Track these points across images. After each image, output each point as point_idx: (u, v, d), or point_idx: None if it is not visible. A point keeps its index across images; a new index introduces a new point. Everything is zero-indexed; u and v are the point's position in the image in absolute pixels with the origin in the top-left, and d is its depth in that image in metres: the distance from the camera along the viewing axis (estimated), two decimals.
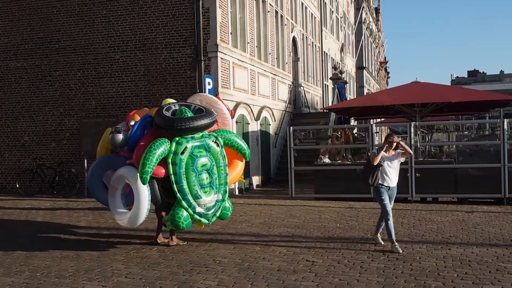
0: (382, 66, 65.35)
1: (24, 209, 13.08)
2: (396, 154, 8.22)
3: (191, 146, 7.90)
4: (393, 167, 8.21)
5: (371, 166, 8.09)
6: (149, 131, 8.24)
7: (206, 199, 7.97)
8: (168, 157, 7.76)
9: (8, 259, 7.75)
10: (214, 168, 8.14)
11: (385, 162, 8.11)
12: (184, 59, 15.26)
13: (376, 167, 8.03)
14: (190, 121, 7.93)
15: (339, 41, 35.06)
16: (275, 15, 20.77)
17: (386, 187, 8.20)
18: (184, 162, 7.81)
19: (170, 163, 7.76)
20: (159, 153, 7.61)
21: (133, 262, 7.46)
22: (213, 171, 8.11)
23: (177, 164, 7.74)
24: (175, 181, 7.74)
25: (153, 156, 7.55)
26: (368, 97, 23.98)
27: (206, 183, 7.97)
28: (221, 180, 8.28)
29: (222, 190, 8.30)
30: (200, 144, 8.02)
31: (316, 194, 14.14)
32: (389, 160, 8.15)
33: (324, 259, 7.38)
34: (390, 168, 8.18)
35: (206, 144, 8.10)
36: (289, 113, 22.16)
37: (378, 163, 8.00)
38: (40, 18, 16.65)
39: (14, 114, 16.99)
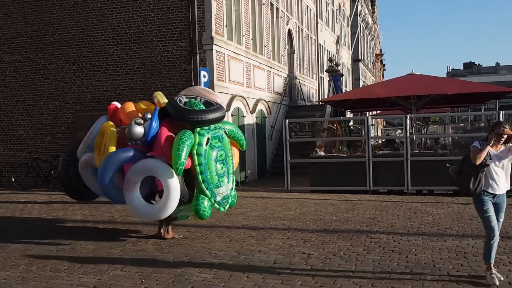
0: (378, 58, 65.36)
1: (19, 203, 13.04)
2: (506, 150, 6.03)
3: (211, 137, 8.08)
4: (502, 168, 6.06)
5: (471, 165, 5.97)
6: (164, 123, 8.20)
7: (223, 188, 8.16)
8: (193, 148, 7.81)
9: (4, 253, 7.74)
10: (227, 157, 8.36)
11: (492, 161, 5.99)
12: (179, 52, 15.20)
13: (480, 167, 5.93)
14: (207, 114, 8.07)
15: (334, 34, 35.01)
16: (271, 8, 20.71)
17: (491, 194, 6.05)
18: (208, 152, 7.94)
19: (195, 154, 7.80)
20: (189, 144, 7.68)
21: (129, 255, 7.46)
22: (227, 161, 8.32)
23: (202, 154, 7.83)
24: (201, 172, 7.82)
25: (186, 147, 7.62)
26: (364, 89, 23.99)
27: (221, 172, 8.14)
28: (231, 169, 8.54)
29: (232, 179, 8.55)
30: (216, 135, 8.20)
31: (312, 187, 14.15)
32: (497, 159, 6.01)
33: (320, 252, 7.39)
34: (498, 169, 6.03)
35: (220, 135, 8.30)
36: (285, 105, 22.14)
37: (482, 162, 5.90)
38: (35, 11, 16.54)
39: (9, 107, 16.91)
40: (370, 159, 13.59)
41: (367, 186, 13.55)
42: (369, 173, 13.53)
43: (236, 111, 16.63)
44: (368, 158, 13.63)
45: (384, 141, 21.41)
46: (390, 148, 18.46)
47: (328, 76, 26.55)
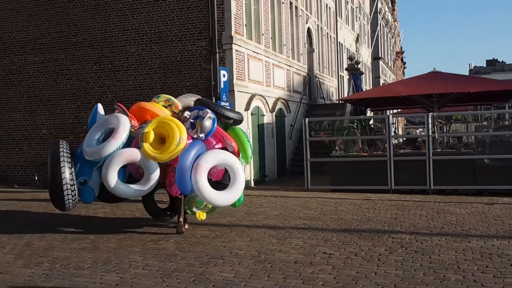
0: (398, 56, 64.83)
1: (43, 201, 13.19)
2: None
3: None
4: None
5: None
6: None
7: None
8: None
9: (28, 251, 7.84)
10: None
11: None
12: (199, 51, 15.25)
13: None
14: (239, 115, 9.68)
15: (354, 32, 34.83)
16: (290, 6, 20.67)
17: None
18: None
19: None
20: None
21: (150, 254, 7.49)
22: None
23: None
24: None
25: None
26: (385, 87, 23.83)
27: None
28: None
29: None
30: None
31: (332, 186, 14.09)
32: None
33: (341, 252, 7.35)
34: None
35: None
36: (304, 104, 22.08)
37: None
38: (57, 12, 16.74)
39: (32, 107, 17.14)
40: (391, 158, 13.49)
41: (388, 185, 13.45)
42: (391, 172, 13.43)
43: (256, 110, 16.63)
44: (389, 157, 13.53)
45: (405, 140, 21.24)
46: (411, 147, 18.31)
47: (348, 75, 26.42)
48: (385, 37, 49.12)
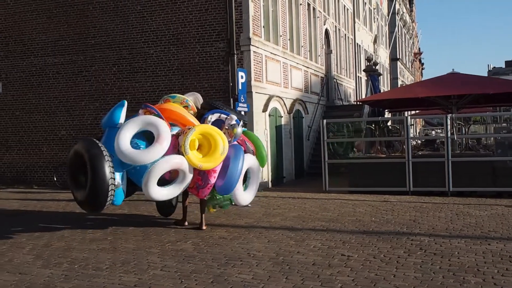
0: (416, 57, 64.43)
1: (61, 202, 13.33)
2: None
3: None
4: None
5: None
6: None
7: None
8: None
9: (47, 251, 7.91)
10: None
11: None
12: (217, 53, 15.29)
13: None
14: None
15: (372, 33, 34.66)
16: (308, 8, 20.63)
17: None
18: None
19: None
20: None
21: (168, 255, 7.52)
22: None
23: None
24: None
25: None
26: (403, 89, 23.68)
27: None
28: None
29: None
30: None
31: (350, 188, 14.03)
32: None
33: (360, 254, 7.31)
34: None
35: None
36: (322, 105, 22.02)
37: None
38: (77, 14, 16.90)
39: (51, 109, 17.31)
40: (410, 160, 13.41)
41: (407, 187, 13.37)
42: (409, 174, 13.34)
43: (274, 111, 16.62)
44: (407, 158, 13.44)
45: (423, 141, 21.09)
46: (430, 148, 18.18)
47: (366, 76, 26.30)
48: (403, 38, 48.82)
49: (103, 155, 8.34)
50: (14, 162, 17.85)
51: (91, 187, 8.27)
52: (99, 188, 8.24)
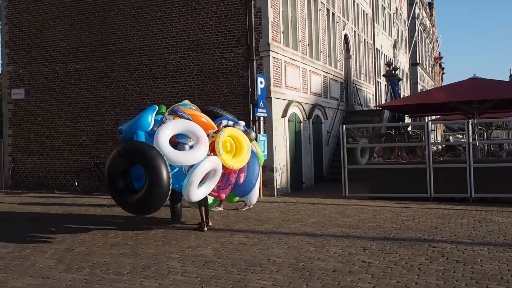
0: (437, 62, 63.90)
1: (82, 206, 13.45)
2: None
3: None
4: None
5: None
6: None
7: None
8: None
9: (69, 256, 7.98)
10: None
11: None
12: (237, 58, 15.34)
13: None
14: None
15: (391, 38, 34.49)
16: (327, 13, 20.61)
17: None
18: None
19: None
20: None
21: (189, 260, 7.54)
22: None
23: None
24: None
25: None
26: (424, 94, 23.48)
27: None
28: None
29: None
30: None
31: (371, 193, 13.94)
32: None
33: (381, 260, 7.25)
34: None
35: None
36: (342, 111, 21.95)
37: None
38: (98, 21, 17.09)
39: (73, 114, 17.50)
40: (431, 166, 13.29)
41: (427, 193, 13.25)
42: (430, 180, 13.22)
43: (293, 116, 16.61)
44: (428, 164, 13.32)
45: (444, 147, 20.89)
46: (451, 154, 17.99)
47: (386, 81, 26.14)
48: (423, 43, 48.50)
49: (162, 157, 8.63)
50: (36, 167, 18.07)
51: (152, 189, 8.55)
52: (160, 189, 8.55)
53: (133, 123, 9.59)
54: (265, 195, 14.54)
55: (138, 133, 9.31)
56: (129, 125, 9.76)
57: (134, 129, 9.42)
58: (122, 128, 9.93)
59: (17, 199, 15.40)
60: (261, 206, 12.79)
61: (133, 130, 9.45)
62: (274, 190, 15.04)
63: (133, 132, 9.43)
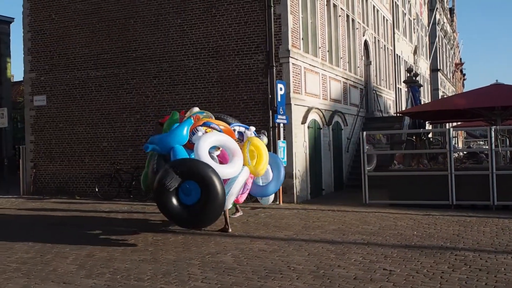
0: (458, 67, 63.29)
1: (103, 212, 13.54)
2: None
3: None
4: None
5: None
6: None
7: None
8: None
9: (90, 261, 8.03)
10: None
11: None
12: (256, 65, 15.35)
13: None
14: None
15: (412, 44, 34.28)
16: (347, 19, 20.55)
17: None
18: None
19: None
20: None
21: (209, 266, 7.54)
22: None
23: None
24: None
25: None
26: (445, 100, 23.30)
27: None
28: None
29: None
30: None
31: (391, 201, 13.82)
32: None
33: (402, 268, 7.18)
34: None
35: None
36: (361, 117, 21.83)
37: None
38: (119, 29, 17.24)
39: (94, 121, 17.65)
40: (452, 173, 13.14)
41: (449, 201, 13.09)
42: (452, 187, 13.07)
43: (313, 123, 16.57)
44: (450, 171, 13.18)
45: (466, 154, 20.67)
46: (473, 161, 17.79)
47: (406, 87, 25.98)
48: (443, 49, 48.11)
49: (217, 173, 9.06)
50: (57, 173, 18.25)
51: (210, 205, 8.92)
52: (217, 205, 8.97)
53: (169, 137, 9.79)
54: (285, 202, 14.49)
55: (176, 148, 9.58)
56: (162, 138, 9.93)
57: (171, 142, 9.65)
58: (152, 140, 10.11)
59: (38, 205, 15.56)
60: (281, 213, 12.76)
61: (169, 144, 9.66)
62: (294, 197, 14.99)
63: (169, 145, 9.64)
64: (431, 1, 41.74)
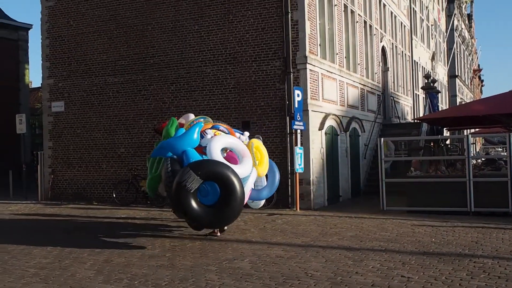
0: (476, 74, 62.84)
1: (120, 218, 13.61)
2: None
3: None
4: None
5: None
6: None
7: None
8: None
9: (108, 267, 8.07)
10: None
11: None
12: (273, 71, 15.37)
13: None
14: None
15: (430, 50, 34.09)
16: (364, 25, 20.50)
17: None
18: None
19: None
20: None
21: (226, 273, 7.54)
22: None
23: None
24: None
25: None
26: (463, 106, 23.14)
27: None
28: None
29: None
30: None
31: (409, 207, 13.72)
32: None
33: (420, 275, 7.12)
34: None
35: None
36: (379, 124, 21.73)
37: None
38: (136, 35, 17.37)
39: (111, 127, 17.78)
40: (471, 179, 13.02)
41: (467, 207, 12.97)
42: (470, 194, 12.95)
43: (330, 129, 16.52)
44: (468, 178, 13.06)
45: (484, 160, 20.46)
46: (491, 167, 17.59)
47: (424, 93, 25.80)
48: (461, 55, 47.78)
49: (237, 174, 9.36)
50: (75, 179, 18.39)
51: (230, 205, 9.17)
52: (237, 204, 9.24)
53: (180, 140, 9.93)
54: (302, 208, 14.45)
55: (189, 151, 9.72)
56: (173, 142, 10.01)
57: (183, 146, 9.79)
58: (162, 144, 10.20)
59: (56, 210, 15.69)
60: (298, 219, 12.73)
61: (181, 147, 9.79)
62: (311, 203, 14.95)
63: (181, 148, 9.77)
64: (449, 7, 41.50)
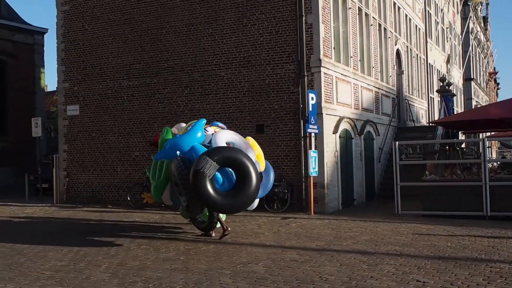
0: (491, 77, 62.28)
1: (135, 221, 13.65)
2: None
3: None
4: None
5: None
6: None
7: None
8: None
9: (122, 270, 8.09)
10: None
11: None
12: (287, 74, 15.35)
13: None
14: None
15: (445, 53, 33.87)
16: (379, 28, 20.42)
17: None
18: None
19: None
20: None
21: (240, 276, 7.52)
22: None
23: None
24: None
25: None
26: (478, 110, 22.92)
27: None
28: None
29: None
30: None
31: (424, 211, 13.61)
32: None
33: (436, 280, 7.05)
34: None
35: None
36: (393, 127, 21.61)
37: None
38: (151, 39, 17.45)
39: (126, 130, 17.86)
40: (487, 183, 12.88)
41: (483, 212, 12.83)
42: (486, 198, 12.81)
43: (344, 133, 16.46)
44: (484, 182, 12.93)
45: (500, 164, 20.25)
46: (507, 171, 17.41)
47: (439, 97, 25.61)
48: (477, 58, 47.41)
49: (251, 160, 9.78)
50: (90, 182, 18.49)
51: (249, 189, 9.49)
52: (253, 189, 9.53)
53: (186, 137, 10.26)
54: (316, 212, 14.39)
55: (196, 146, 10.13)
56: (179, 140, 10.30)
57: (190, 143, 10.15)
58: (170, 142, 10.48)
59: (72, 213, 15.79)
60: (312, 223, 12.68)
61: (187, 144, 10.13)
62: (325, 207, 14.89)
63: (188, 144, 10.14)
64: (464, 10, 41.20)
